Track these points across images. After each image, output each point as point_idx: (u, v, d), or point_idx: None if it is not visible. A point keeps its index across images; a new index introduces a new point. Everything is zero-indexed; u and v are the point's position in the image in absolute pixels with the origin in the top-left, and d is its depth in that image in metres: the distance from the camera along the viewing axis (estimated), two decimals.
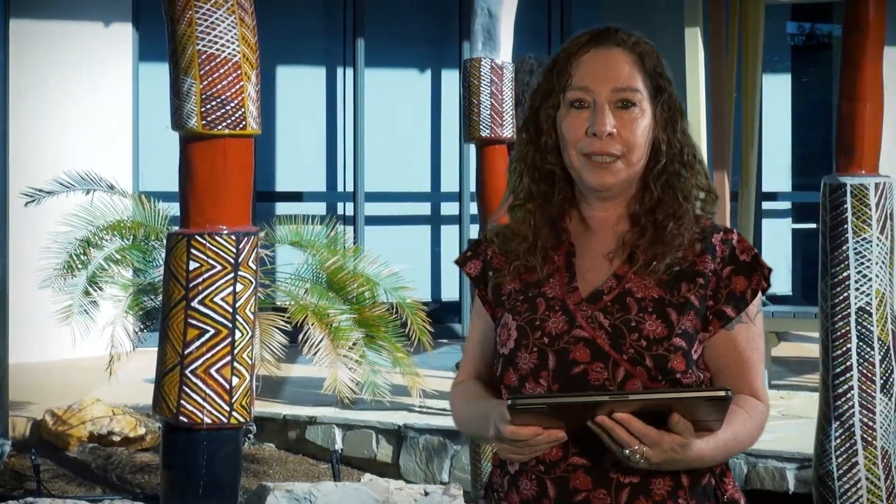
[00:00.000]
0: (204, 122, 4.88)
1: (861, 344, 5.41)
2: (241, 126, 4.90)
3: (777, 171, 14.75)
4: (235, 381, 4.94)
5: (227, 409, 4.93)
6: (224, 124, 4.88)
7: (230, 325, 4.93)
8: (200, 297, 4.93)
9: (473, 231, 12.42)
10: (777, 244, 14.82)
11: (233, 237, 4.93)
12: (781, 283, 14.39)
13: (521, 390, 2.84)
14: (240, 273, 4.94)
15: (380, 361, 8.80)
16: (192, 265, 4.93)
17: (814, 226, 5.66)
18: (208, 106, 4.87)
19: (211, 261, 4.92)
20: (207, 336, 4.94)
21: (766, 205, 14.34)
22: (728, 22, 10.64)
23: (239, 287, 4.94)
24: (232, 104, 4.87)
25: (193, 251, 4.93)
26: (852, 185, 5.52)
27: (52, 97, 11.93)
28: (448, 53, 13.21)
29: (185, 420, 4.95)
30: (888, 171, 5.94)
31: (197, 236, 4.94)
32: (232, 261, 4.93)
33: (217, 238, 4.92)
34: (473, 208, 10.55)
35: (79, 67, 12.14)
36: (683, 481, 2.80)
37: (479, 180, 7.47)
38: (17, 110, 9.64)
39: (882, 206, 5.51)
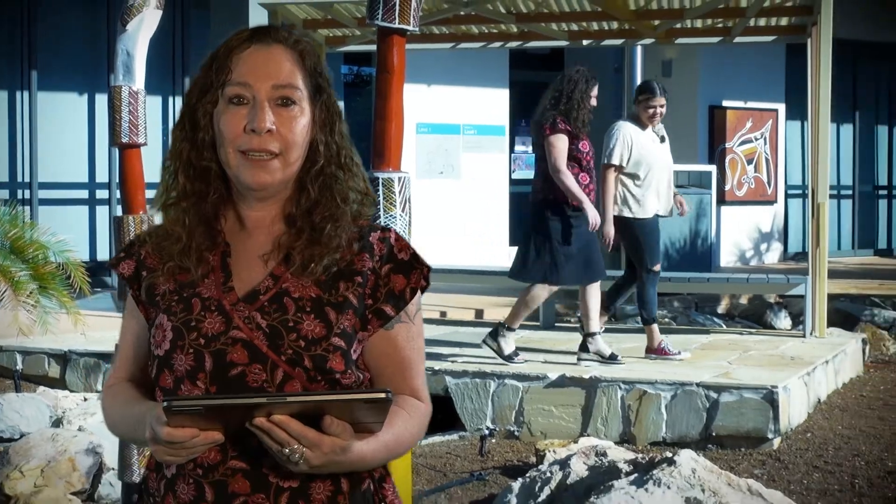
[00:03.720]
0: None
1: None
2: None
3: None
4: None
5: None
6: None
7: None
8: None
9: (118, 210, 12.24)
10: None
11: None
12: None
13: (178, 392, 2.08)
14: None
15: (51, 305, 8.61)
16: None
17: None
18: None
19: None
20: None
21: None
22: None
23: None
24: None
25: None
26: (383, 178, 5.71)
27: None
28: (100, 81, 12.99)
29: None
30: None
31: None
32: None
33: None
34: (118, 193, 10.40)
35: None
36: (343, 486, 2.08)
37: (121, 174, 7.39)
38: None
39: (402, 192, 5.73)
